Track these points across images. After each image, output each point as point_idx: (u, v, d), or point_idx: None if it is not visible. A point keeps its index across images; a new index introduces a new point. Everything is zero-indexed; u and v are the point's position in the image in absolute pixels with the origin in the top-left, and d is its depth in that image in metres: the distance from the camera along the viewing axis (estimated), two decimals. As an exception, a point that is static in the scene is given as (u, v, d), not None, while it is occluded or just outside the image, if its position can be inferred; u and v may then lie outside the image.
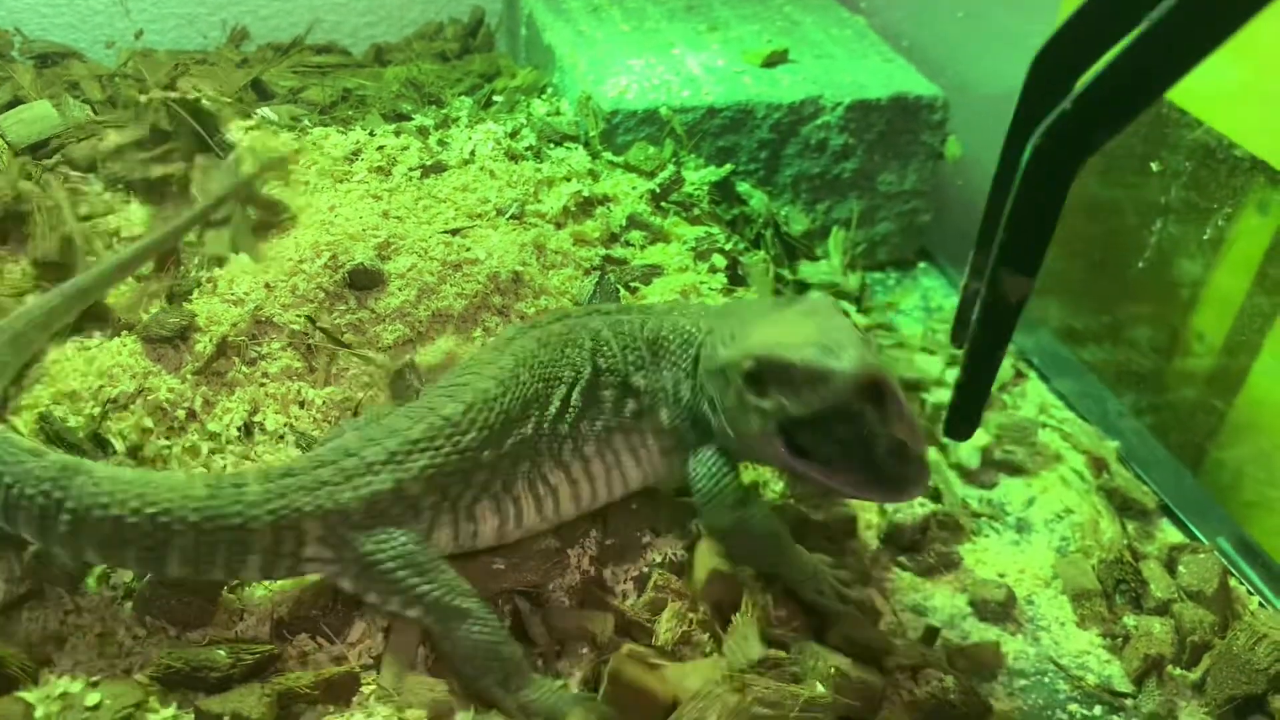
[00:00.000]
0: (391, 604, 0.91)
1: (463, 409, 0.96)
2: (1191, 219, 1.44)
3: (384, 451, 0.93)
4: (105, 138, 1.28)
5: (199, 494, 0.87)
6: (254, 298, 1.12)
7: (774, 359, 0.92)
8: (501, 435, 0.97)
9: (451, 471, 0.94)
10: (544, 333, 1.05)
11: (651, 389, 1.06)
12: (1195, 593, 1.21)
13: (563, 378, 1.03)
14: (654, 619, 0.99)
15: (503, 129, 1.51)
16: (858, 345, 0.89)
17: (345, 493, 0.90)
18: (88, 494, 0.84)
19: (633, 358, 1.06)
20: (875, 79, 1.66)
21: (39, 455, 0.85)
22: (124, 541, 0.85)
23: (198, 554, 0.87)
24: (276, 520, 0.88)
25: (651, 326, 1.08)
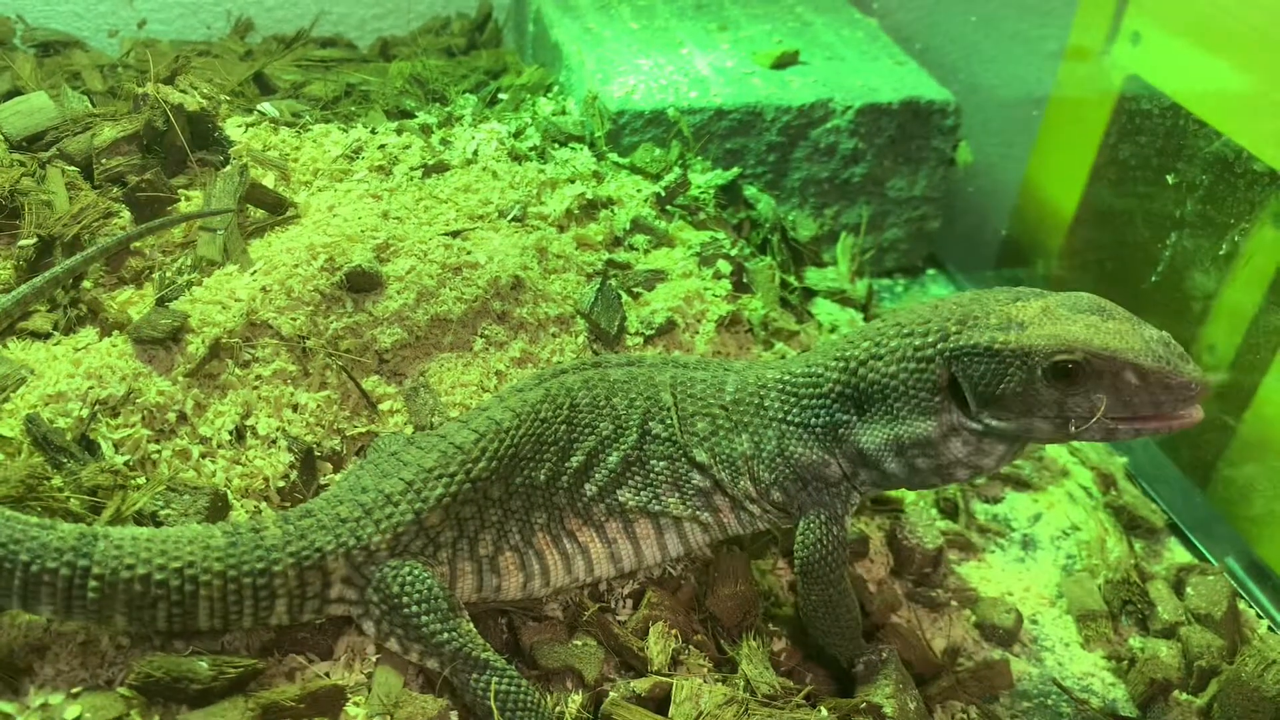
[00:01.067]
0: (412, 652, 0.90)
1: (475, 437, 0.95)
2: (1206, 232, 1.41)
3: (401, 483, 0.92)
4: (100, 132, 1.26)
5: (219, 543, 0.86)
6: (247, 300, 1.09)
7: (1114, 356, 0.85)
8: (509, 470, 0.95)
9: (465, 501, 0.93)
10: (598, 375, 1.02)
11: (727, 459, 0.99)
12: (1203, 615, 1.19)
13: (597, 429, 0.99)
14: (644, 644, 0.97)
15: (507, 128, 1.49)
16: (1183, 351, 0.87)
17: (367, 527, 0.90)
18: (112, 557, 0.83)
19: (701, 426, 1.00)
20: (887, 82, 1.64)
21: (50, 527, 0.83)
22: (154, 600, 0.84)
23: (225, 604, 0.86)
24: (299, 562, 0.88)
25: (735, 386, 1.01)
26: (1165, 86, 1.51)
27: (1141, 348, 0.86)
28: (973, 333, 0.90)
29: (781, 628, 1.08)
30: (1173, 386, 0.86)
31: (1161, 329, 0.90)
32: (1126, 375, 0.86)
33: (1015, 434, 0.91)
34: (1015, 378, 0.88)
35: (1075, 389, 0.87)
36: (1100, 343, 0.86)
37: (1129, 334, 0.87)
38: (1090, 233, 1.67)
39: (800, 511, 0.99)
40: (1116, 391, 0.87)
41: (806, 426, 0.98)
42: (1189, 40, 1.48)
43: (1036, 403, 0.88)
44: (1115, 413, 0.87)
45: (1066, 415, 0.88)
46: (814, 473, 0.98)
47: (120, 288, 1.17)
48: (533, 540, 0.97)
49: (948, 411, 0.92)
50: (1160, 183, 1.49)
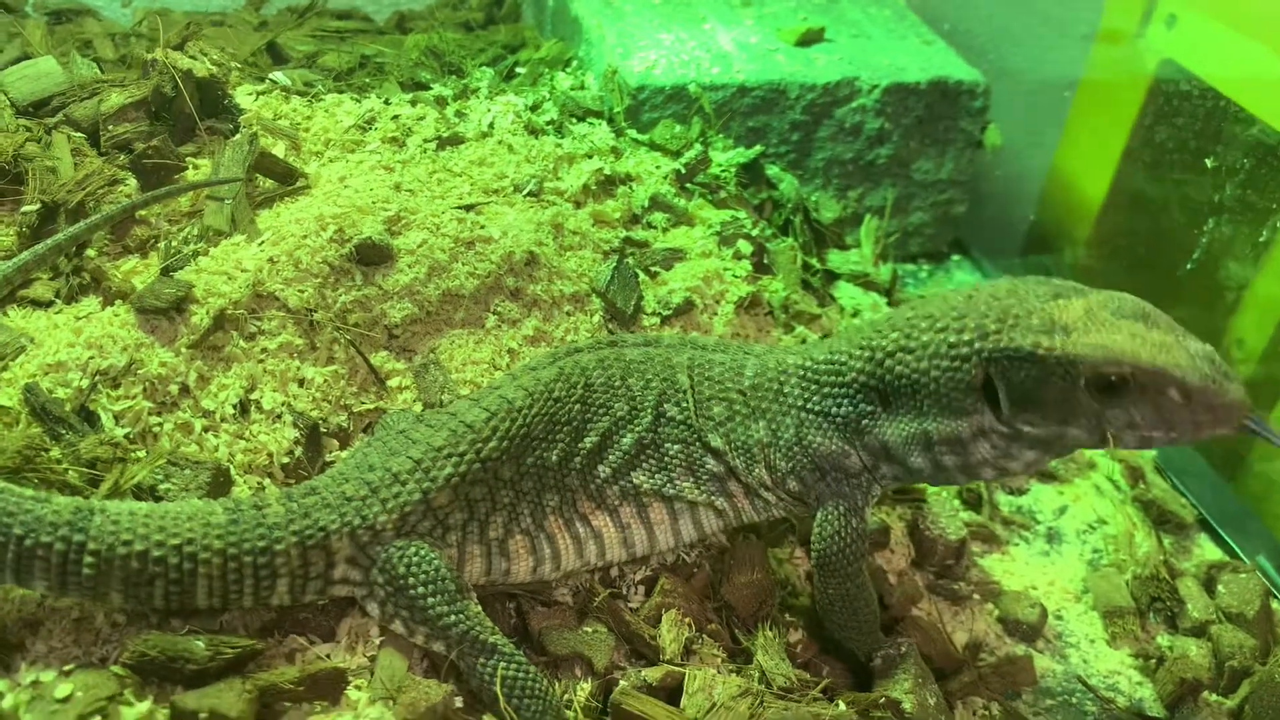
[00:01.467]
0: (417, 635, 0.88)
1: (486, 416, 0.92)
2: (1245, 218, 1.37)
3: (409, 461, 0.89)
4: (107, 98, 1.22)
5: (220, 520, 0.83)
6: (254, 271, 1.06)
7: (1161, 372, 0.81)
8: (520, 450, 0.92)
9: (475, 482, 0.90)
10: (613, 354, 0.99)
11: (742, 445, 0.96)
12: (1235, 614, 1.15)
13: (612, 410, 0.96)
14: (656, 632, 0.94)
15: (524, 101, 1.45)
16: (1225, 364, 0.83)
17: (373, 506, 0.87)
18: (108, 532, 0.80)
19: (717, 411, 0.96)
20: (914, 61, 1.59)
21: (45, 500, 0.81)
22: (151, 578, 0.81)
23: (225, 582, 0.83)
24: (302, 541, 0.85)
25: (754, 370, 0.98)
26: (1201, 70, 1.46)
27: (1188, 364, 0.81)
28: (1014, 334, 0.85)
29: (798, 618, 1.04)
30: (1215, 407, 0.82)
31: (1194, 319, 0.86)
32: (1171, 393, 0.82)
33: (1046, 440, 0.87)
34: (1056, 385, 0.84)
35: (1117, 402, 0.83)
36: (1148, 357, 0.81)
37: (1175, 348, 0.82)
38: (1120, 219, 1.63)
39: (818, 502, 0.96)
40: (1158, 408, 0.82)
41: (827, 415, 0.94)
42: (1226, 23, 1.43)
43: (1074, 412, 0.85)
44: (1153, 428, 0.84)
45: (1103, 426, 0.84)
46: (833, 463, 0.94)
47: (125, 256, 1.14)
48: (544, 523, 0.94)
49: (979, 413, 0.88)
50: (1196, 168, 1.44)
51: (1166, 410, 0.82)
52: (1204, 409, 0.82)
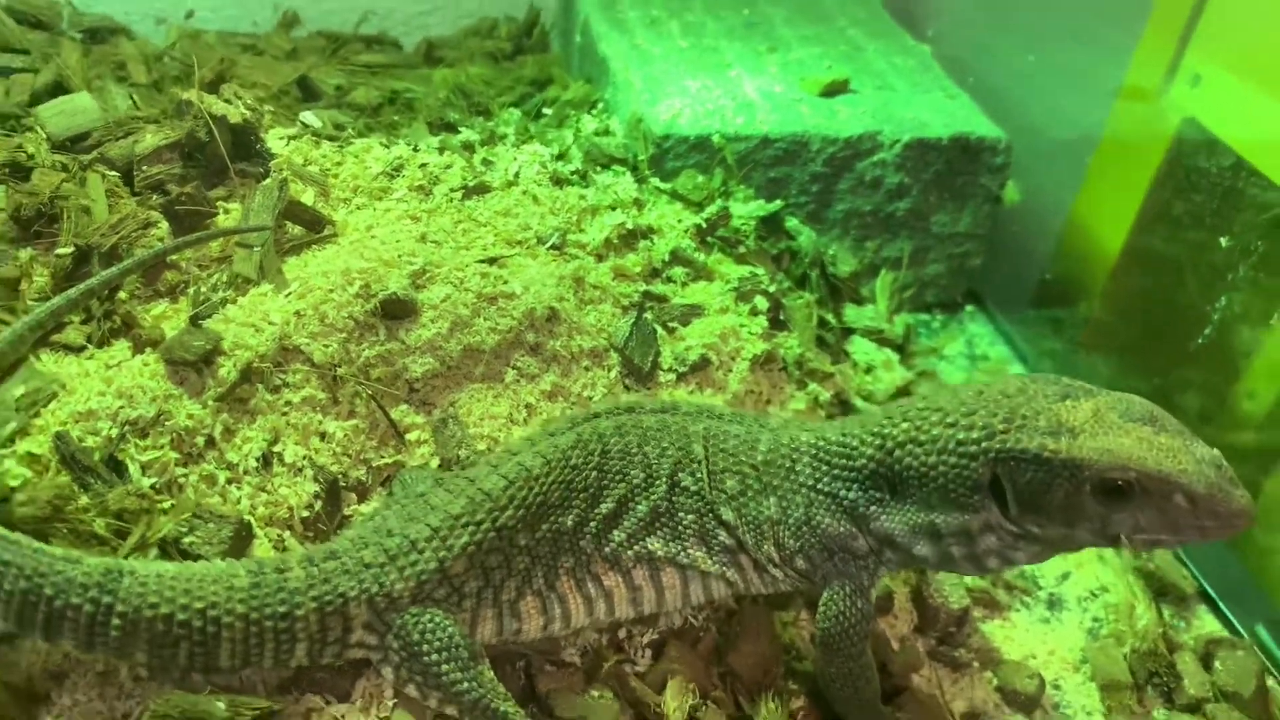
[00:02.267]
0: (430, 699, 0.90)
1: (504, 485, 0.94)
2: (1260, 299, 1.38)
3: (427, 529, 0.91)
4: (142, 139, 1.25)
5: (243, 583, 0.86)
6: (281, 324, 1.08)
7: (1167, 479, 0.82)
8: (536, 518, 0.94)
9: (490, 550, 0.92)
10: (630, 421, 1.00)
11: (753, 521, 0.97)
12: (1231, 693, 1.17)
13: (628, 478, 0.97)
14: (660, 700, 0.96)
15: (550, 151, 1.47)
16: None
17: (391, 574, 0.89)
18: (136, 595, 0.83)
19: (730, 484, 0.98)
20: (937, 116, 1.61)
21: (76, 562, 0.83)
22: (176, 640, 0.84)
23: (247, 644, 0.86)
24: (321, 606, 0.87)
25: (767, 445, 0.99)
26: (1223, 132, 1.47)
27: (1194, 470, 0.82)
28: (1021, 435, 0.86)
29: (801, 685, 1.06)
30: (1221, 514, 0.83)
31: (1204, 383, 0.88)
32: (1176, 499, 0.83)
33: (1052, 541, 0.89)
34: (1061, 489, 0.85)
35: (1122, 506, 0.84)
36: (1154, 463, 0.82)
37: (1181, 453, 0.83)
38: (1133, 278, 1.64)
39: (824, 581, 0.97)
40: (1163, 513, 0.84)
41: (835, 498, 0.96)
42: (1253, 84, 1.44)
43: (1079, 515, 0.86)
44: (1159, 532, 0.85)
45: (1109, 530, 0.86)
46: (840, 544, 0.96)
47: (155, 300, 1.16)
48: (556, 584, 0.96)
49: (987, 510, 0.90)
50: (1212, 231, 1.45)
51: (1172, 515, 0.84)
52: (1209, 515, 0.83)
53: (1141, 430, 0.85)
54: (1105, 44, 1.70)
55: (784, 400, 1.30)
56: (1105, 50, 1.70)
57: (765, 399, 1.29)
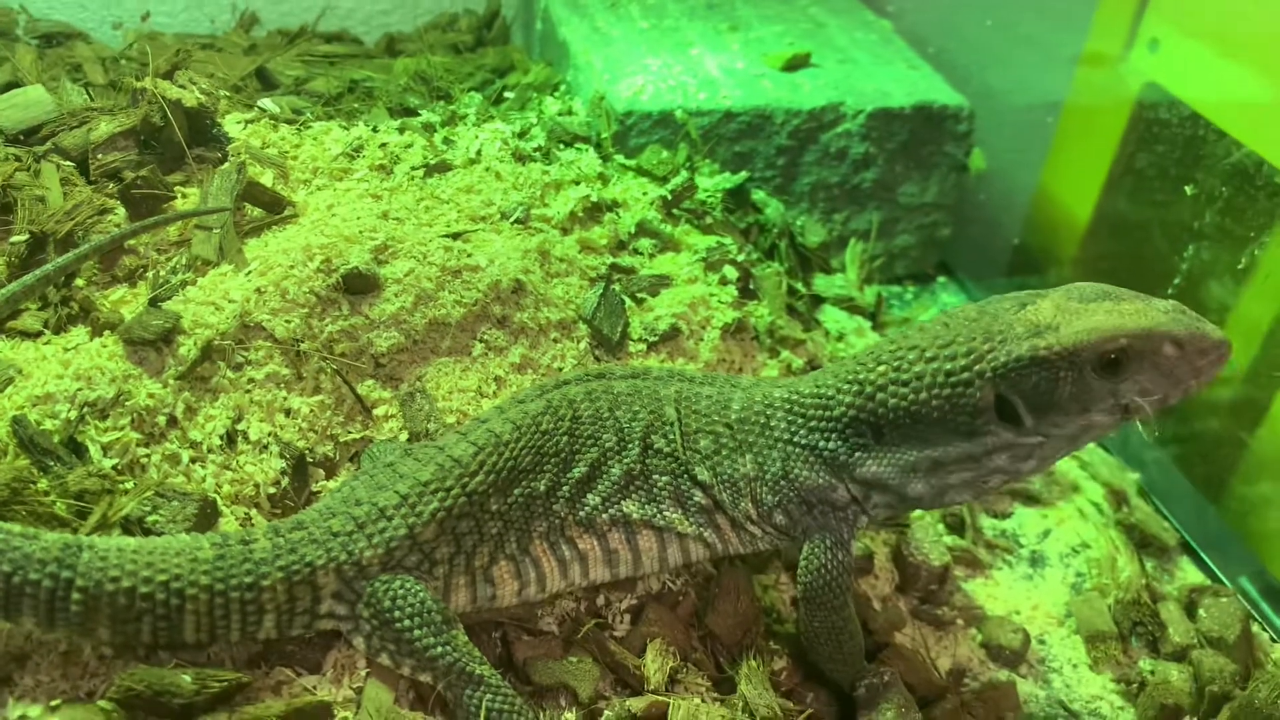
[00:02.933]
0: (404, 667, 0.88)
1: (473, 451, 0.92)
2: (1225, 245, 1.38)
3: (396, 496, 0.90)
4: (97, 127, 1.23)
5: (207, 555, 0.84)
6: (242, 301, 1.07)
7: (1152, 333, 0.85)
8: (508, 483, 0.93)
9: (461, 516, 0.91)
10: (601, 387, 0.99)
11: (728, 479, 0.97)
12: (1216, 639, 1.16)
13: (600, 441, 0.96)
14: (641, 662, 0.95)
15: (511, 128, 1.46)
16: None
17: (359, 542, 0.88)
18: (97, 569, 0.81)
19: (704, 444, 0.97)
20: (899, 86, 1.61)
21: (33, 537, 0.81)
22: (139, 614, 0.82)
23: (212, 617, 0.84)
24: (289, 576, 0.85)
25: (740, 403, 0.98)
26: (1183, 94, 1.48)
27: (1169, 320, 0.86)
28: (1009, 346, 0.87)
29: (782, 645, 1.05)
30: (1207, 349, 0.87)
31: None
32: (1166, 349, 0.86)
33: (1074, 436, 0.90)
34: (1067, 380, 0.86)
35: (1124, 375, 0.86)
36: (1134, 325, 0.85)
37: (1149, 311, 0.87)
38: (1104, 242, 1.64)
39: (804, 535, 0.97)
40: (1158, 368, 0.87)
41: (814, 449, 0.95)
42: (1208, 47, 1.45)
43: (1091, 397, 0.87)
44: (1162, 388, 0.87)
45: (1122, 402, 0.88)
46: (820, 496, 0.95)
47: (113, 286, 1.14)
48: (529, 548, 0.94)
49: (993, 432, 0.89)
50: (1177, 192, 1.46)
51: (1166, 367, 0.87)
52: (1198, 354, 0.87)
53: (1105, 305, 0.88)
54: (1063, 13, 1.71)
55: (756, 368, 1.29)
56: (1064, 19, 1.71)
57: (738, 367, 1.28)
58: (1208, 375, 0.87)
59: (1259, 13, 1.36)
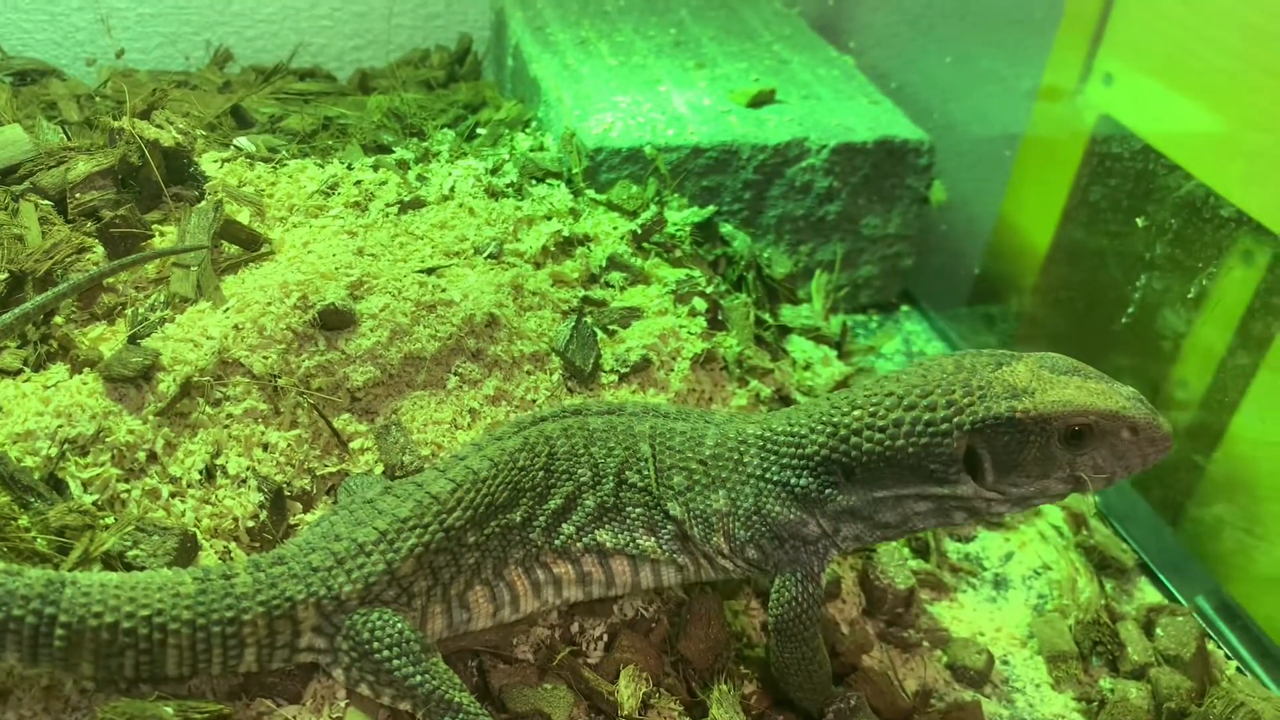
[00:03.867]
0: (384, 696, 0.90)
1: (451, 488, 0.95)
2: (1175, 275, 1.43)
3: (374, 532, 0.92)
4: (75, 166, 1.25)
5: (189, 590, 0.85)
6: (220, 338, 1.09)
7: (1117, 416, 0.90)
8: (484, 517, 0.95)
9: (439, 550, 0.93)
10: (577, 423, 1.02)
11: (701, 515, 0.99)
12: (1172, 657, 1.20)
13: (575, 476, 0.99)
14: (614, 688, 0.97)
15: (484, 165, 1.49)
16: None
17: (339, 577, 0.89)
18: (80, 605, 0.82)
19: (677, 480, 1.00)
20: (862, 121, 1.65)
21: (16, 574, 0.82)
22: (122, 648, 0.83)
23: (194, 651, 0.85)
24: (269, 611, 0.87)
25: (714, 440, 1.01)
26: (1136, 127, 1.53)
27: (1131, 406, 0.92)
28: (989, 403, 0.91)
29: (753, 670, 1.07)
30: (1157, 440, 0.93)
31: (1134, 368, 0.95)
32: (1124, 433, 0.92)
33: (1028, 497, 0.95)
34: (1034, 445, 0.91)
35: (1084, 449, 0.92)
36: (1103, 405, 0.91)
37: (1114, 394, 0.92)
38: (1063, 270, 1.69)
39: (776, 569, 0.99)
40: (1113, 448, 0.92)
41: (786, 486, 0.98)
42: (1160, 82, 1.50)
43: (1051, 465, 0.92)
44: (1113, 467, 0.93)
45: (1076, 474, 0.93)
46: (791, 531, 0.98)
47: (92, 324, 1.16)
48: (504, 573, 0.97)
49: (961, 481, 0.93)
50: (1130, 223, 1.50)
51: (1121, 449, 0.92)
52: (1148, 442, 0.93)
53: (1075, 380, 0.93)
54: (1020, 49, 1.77)
55: (726, 397, 1.32)
56: (1021, 55, 1.76)
57: (708, 397, 1.31)
58: (1150, 462, 0.93)
59: (1208, 49, 1.41)
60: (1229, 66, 1.37)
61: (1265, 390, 1.33)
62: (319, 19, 2.03)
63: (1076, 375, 0.93)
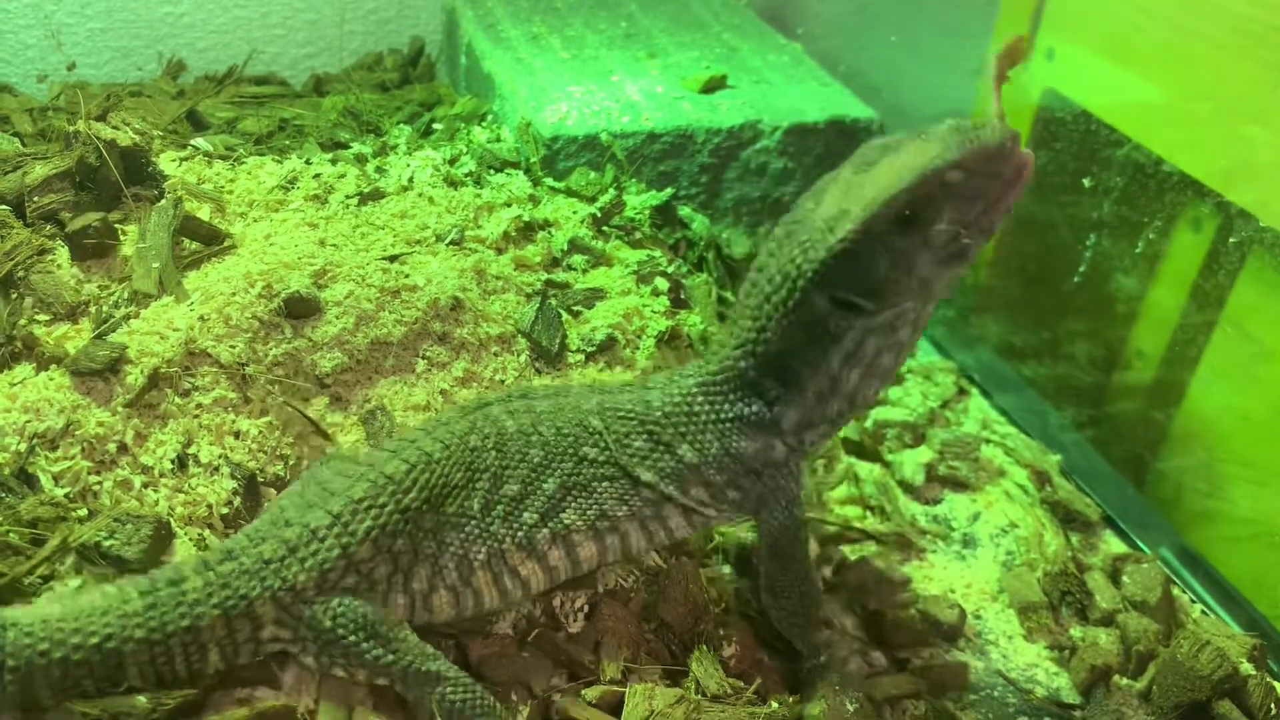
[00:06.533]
0: (359, 675, 0.88)
1: (406, 468, 0.91)
2: (1124, 235, 1.46)
3: (327, 516, 0.88)
4: (31, 170, 1.25)
5: (137, 606, 0.83)
6: (186, 329, 1.09)
7: (928, 174, 0.82)
8: (440, 499, 0.92)
9: (396, 533, 0.90)
10: (523, 405, 0.99)
11: (673, 472, 0.98)
12: (1139, 602, 1.22)
13: (528, 459, 0.96)
14: (595, 657, 0.98)
15: (442, 155, 1.50)
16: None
17: (293, 567, 0.86)
18: (24, 647, 0.80)
19: (638, 445, 0.98)
20: (812, 103, 1.68)
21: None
22: (78, 679, 0.81)
23: (155, 665, 0.83)
24: (225, 612, 0.84)
25: (659, 400, 0.99)
26: (1080, 99, 1.57)
27: (940, 149, 0.84)
28: (810, 253, 0.88)
29: (732, 633, 1.09)
30: (993, 156, 0.84)
31: (1090, 331, 0.90)
32: (951, 177, 0.84)
33: (922, 294, 0.90)
34: (880, 255, 0.86)
35: (926, 224, 0.85)
36: (909, 176, 0.84)
37: (922, 148, 0.85)
38: (1015, 241, 1.72)
39: (760, 502, 0.99)
40: (954, 199, 0.85)
41: (741, 419, 0.98)
42: (1100, 54, 1.53)
43: (914, 258, 0.87)
44: (975, 212, 0.86)
45: (944, 246, 0.86)
46: (762, 459, 0.98)
47: (56, 323, 1.16)
48: (471, 579, 0.94)
49: (852, 327, 0.90)
50: (1078, 189, 1.54)
51: (964, 191, 0.85)
52: (985, 163, 0.84)
53: (882, 165, 0.86)
54: (963, 28, 1.80)
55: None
56: (964, 33, 1.80)
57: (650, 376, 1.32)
58: (1013, 181, 0.85)
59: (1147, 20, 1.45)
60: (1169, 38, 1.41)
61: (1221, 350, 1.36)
62: (271, 28, 2.03)
63: (886, 156, 0.86)
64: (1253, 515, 1.33)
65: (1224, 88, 1.31)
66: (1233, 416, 1.37)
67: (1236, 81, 1.28)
